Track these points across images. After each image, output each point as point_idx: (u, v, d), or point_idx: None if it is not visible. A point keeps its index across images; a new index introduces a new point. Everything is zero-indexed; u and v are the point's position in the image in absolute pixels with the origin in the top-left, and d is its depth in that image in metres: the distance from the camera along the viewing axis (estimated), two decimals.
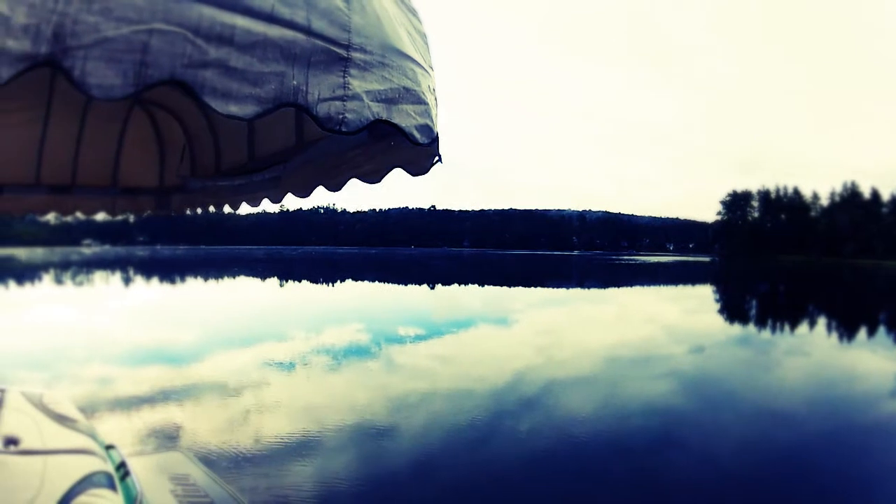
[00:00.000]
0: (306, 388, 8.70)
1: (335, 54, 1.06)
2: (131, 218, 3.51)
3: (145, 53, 0.82)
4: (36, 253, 79.75)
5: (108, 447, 2.05)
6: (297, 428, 6.48)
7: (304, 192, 1.93)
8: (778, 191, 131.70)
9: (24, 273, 39.38)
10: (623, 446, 6.25)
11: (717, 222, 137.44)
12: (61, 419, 1.96)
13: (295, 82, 1.00)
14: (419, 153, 1.38)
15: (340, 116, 1.06)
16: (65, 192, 3.09)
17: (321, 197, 2.10)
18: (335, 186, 1.75)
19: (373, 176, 1.59)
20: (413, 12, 1.35)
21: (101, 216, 3.47)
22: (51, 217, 3.50)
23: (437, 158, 1.37)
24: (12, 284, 30.23)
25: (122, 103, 2.80)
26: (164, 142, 3.05)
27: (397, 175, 1.66)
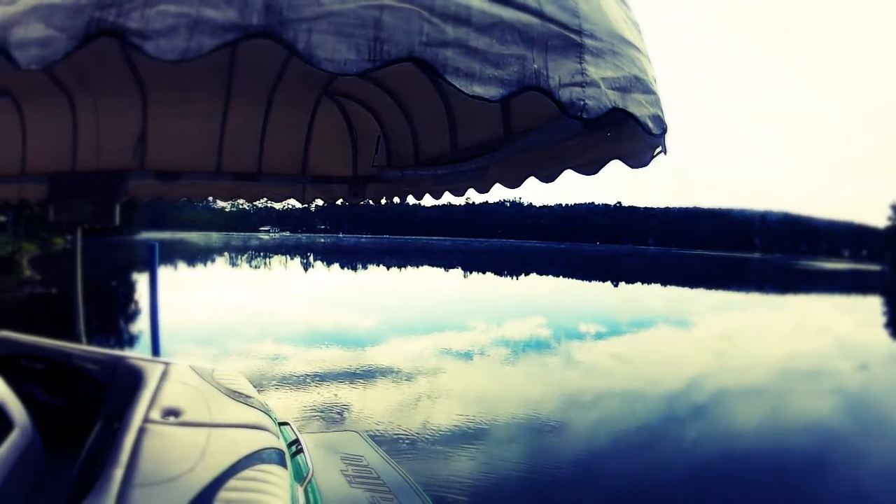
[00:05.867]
0: (481, 379, 9.06)
1: (570, 39, 1.05)
2: (313, 206, 3.71)
3: (379, 29, 0.84)
4: (211, 237, 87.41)
5: (282, 424, 2.12)
6: (468, 416, 6.76)
7: (515, 183, 1.92)
8: None
9: (204, 255, 44.65)
10: (781, 462, 6.25)
11: (888, 228, 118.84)
12: (233, 394, 2.09)
13: (535, 66, 0.99)
14: (640, 145, 1.32)
15: (581, 103, 1.03)
16: (250, 180, 3.31)
17: (505, 191, 2.09)
18: (548, 177, 1.72)
19: (589, 167, 1.54)
20: (623, 1, 1.30)
21: (279, 204, 3.67)
22: (226, 203, 3.74)
23: (660, 150, 1.30)
24: (196, 266, 35.05)
25: (310, 95, 2.99)
26: (357, 132, 3.22)
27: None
